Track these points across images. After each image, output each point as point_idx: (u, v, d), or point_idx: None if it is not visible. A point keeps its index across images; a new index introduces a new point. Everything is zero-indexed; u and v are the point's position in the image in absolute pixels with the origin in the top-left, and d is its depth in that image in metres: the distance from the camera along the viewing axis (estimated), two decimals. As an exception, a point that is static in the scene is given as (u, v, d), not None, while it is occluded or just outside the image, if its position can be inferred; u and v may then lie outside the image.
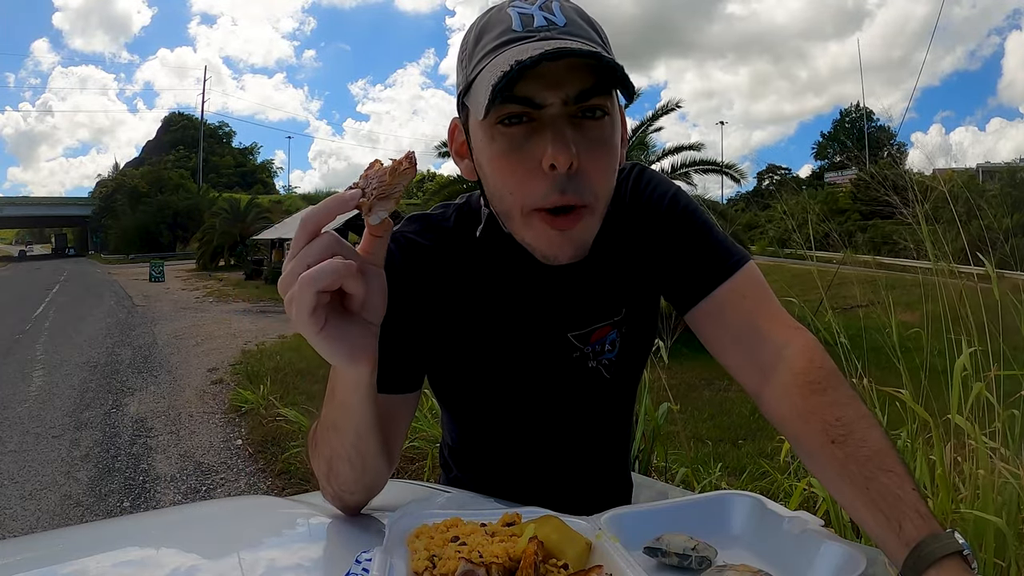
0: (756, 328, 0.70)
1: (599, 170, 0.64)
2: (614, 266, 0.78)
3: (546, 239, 0.65)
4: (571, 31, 0.62)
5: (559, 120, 0.61)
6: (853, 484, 0.57)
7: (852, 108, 58.14)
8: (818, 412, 0.62)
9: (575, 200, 0.62)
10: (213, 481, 3.68)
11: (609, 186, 0.66)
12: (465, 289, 0.76)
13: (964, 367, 1.62)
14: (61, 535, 0.97)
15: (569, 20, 0.63)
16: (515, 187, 0.64)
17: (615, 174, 0.67)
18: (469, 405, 0.84)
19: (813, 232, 2.32)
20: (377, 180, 0.51)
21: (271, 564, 0.62)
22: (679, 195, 0.78)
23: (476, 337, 0.78)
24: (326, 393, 0.62)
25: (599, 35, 0.65)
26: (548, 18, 0.62)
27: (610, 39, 0.69)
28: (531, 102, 0.61)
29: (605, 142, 0.64)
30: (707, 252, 0.74)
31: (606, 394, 0.83)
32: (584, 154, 0.62)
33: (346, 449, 0.63)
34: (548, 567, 0.53)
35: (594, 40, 0.63)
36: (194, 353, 7.77)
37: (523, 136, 0.62)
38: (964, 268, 1.90)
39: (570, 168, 0.61)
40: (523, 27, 0.62)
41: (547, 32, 0.61)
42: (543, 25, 0.62)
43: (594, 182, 0.63)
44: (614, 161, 0.66)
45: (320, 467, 0.66)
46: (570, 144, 0.60)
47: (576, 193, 0.62)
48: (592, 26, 0.65)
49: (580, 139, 0.62)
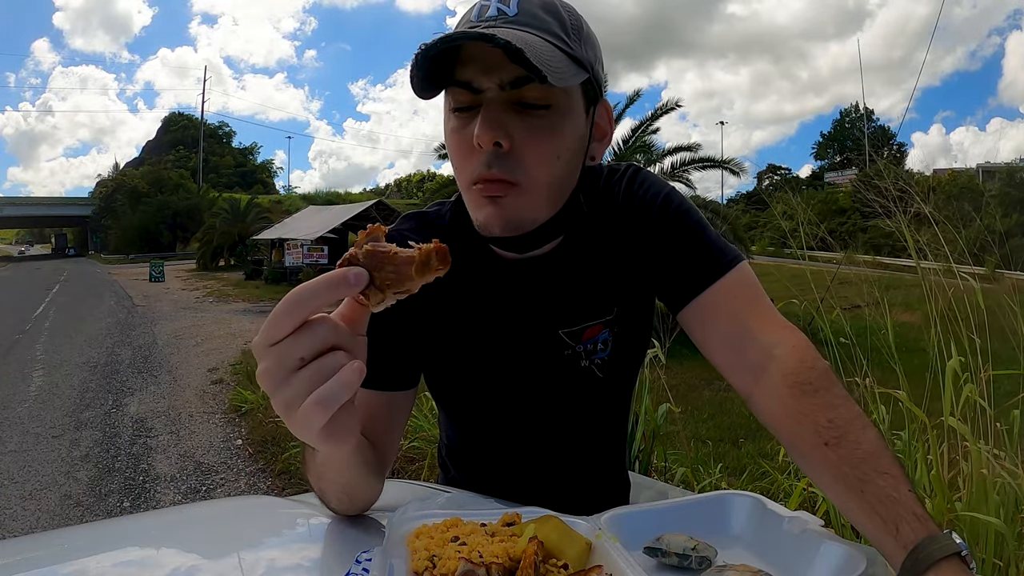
0: (746, 328, 0.70)
1: (535, 155, 0.66)
2: (606, 265, 0.78)
3: (478, 208, 0.69)
4: (520, 21, 0.64)
5: (492, 103, 0.65)
6: (848, 487, 0.57)
7: (852, 108, 58.18)
8: (810, 414, 0.62)
9: (499, 175, 0.65)
10: (213, 481, 3.68)
11: (548, 172, 0.67)
12: (460, 286, 0.76)
13: (955, 369, 1.62)
14: (61, 535, 0.97)
15: (523, 11, 0.65)
16: (460, 163, 0.69)
17: (559, 163, 0.68)
18: (464, 403, 0.85)
19: (812, 232, 2.32)
20: (396, 271, 0.41)
21: (271, 564, 0.62)
22: (672, 195, 0.78)
23: (469, 334, 0.79)
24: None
25: (562, 26, 0.66)
26: (500, 8, 0.65)
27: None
28: (470, 86, 0.65)
29: (546, 130, 0.66)
30: (699, 252, 0.74)
31: (599, 394, 0.83)
32: (520, 138, 0.65)
33: (335, 490, 0.65)
34: (548, 567, 0.53)
35: (549, 30, 0.64)
36: (194, 353, 7.76)
37: (468, 119, 0.66)
38: (963, 268, 1.90)
39: (500, 147, 0.64)
40: (477, 17, 0.66)
41: (492, 22, 0.64)
42: (492, 16, 0.65)
43: (528, 164, 0.66)
44: (557, 149, 0.67)
45: (314, 486, 0.67)
46: (497, 125, 0.64)
47: (503, 170, 0.65)
48: (556, 17, 0.66)
49: (518, 124, 0.65)
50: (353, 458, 0.60)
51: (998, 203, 14.32)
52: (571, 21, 0.68)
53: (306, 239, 18.31)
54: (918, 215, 1.96)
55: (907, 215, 1.92)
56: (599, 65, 0.71)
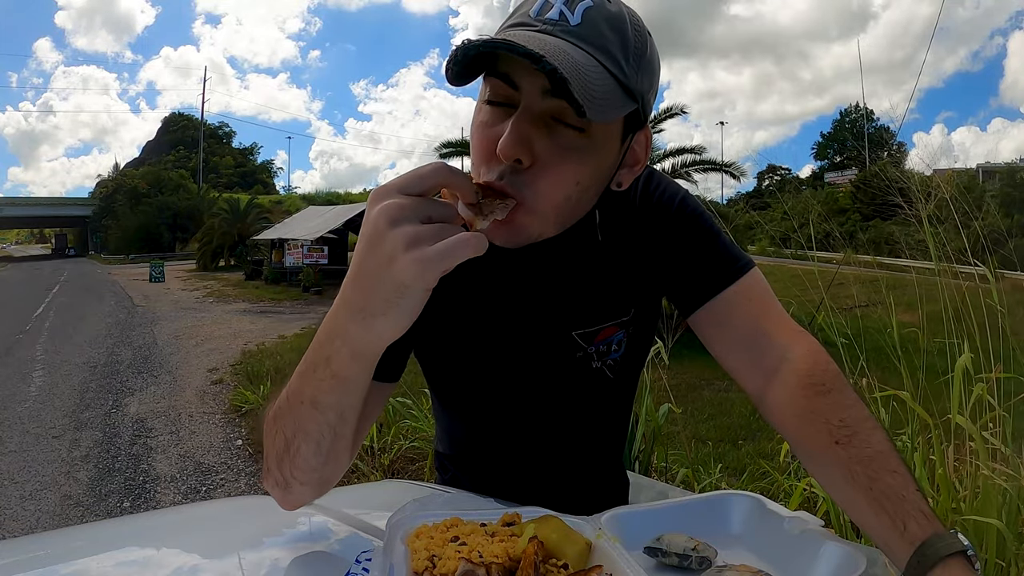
0: (760, 331, 0.71)
1: (554, 176, 0.61)
2: (624, 266, 0.78)
3: None
4: (580, 33, 0.58)
5: (525, 114, 0.60)
6: (857, 484, 0.58)
7: (852, 108, 58.17)
8: (822, 413, 0.63)
9: (508, 191, 0.60)
10: (213, 481, 3.68)
11: (562, 195, 0.63)
12: (471, 283, 0.76)
13: (966, 367, 1.62)
14: (61, 535, 0.97)
15: (587, 22, 0.59)
16: (479, 161, 0.64)
17: (577, 188, 0.63)
18: (469, 401, 0.84)
19: (813, 232, 2.32)
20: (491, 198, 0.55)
21: (271, 564, 0.62)
22: (687, 199, 0.78)
23: (480, 331, 0.78)
24: (301, 367, 0.57)
25: (624, 48, 0.60)
26: (563, 12, 0.59)
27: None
28: (508, 78, 0.60)
29: (573, 153, 0.61)
30: (714, 256, 0.75)
31: (609, 394, 0.84)
32: (544, 156, 0.60)
33: (320, 429, 0.57)
34: (548, 567, 0.53)
35: (607, 51, 0.59)
36: (194, 353, 7.77)
37: (499, 117, 0.62)
38: (964, 268, 1.90)
39: (519, 163, 0.60)
40: (536, 14, 0.60)
41: (550, 26, 0.59)
42: (553, 18, 0.59)
43: (540, 186, 0.61)
44: (579, 175, 0.62)
45: (276, 446, 0.60)
46: (523, 142, 0.59)
47: (513, 185, 0.60)
48: (622, 36, 0.60)
49: (546, 141, 0.60)
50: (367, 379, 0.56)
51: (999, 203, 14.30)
52: (636, 43, 0.61)
53: (306, 239, 18.28)
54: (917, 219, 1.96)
55: (912, 214, 1.92)
56: (652, 93, 0.65)
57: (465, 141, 10.19)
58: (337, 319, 0.52)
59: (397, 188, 0.48)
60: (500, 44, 0.54)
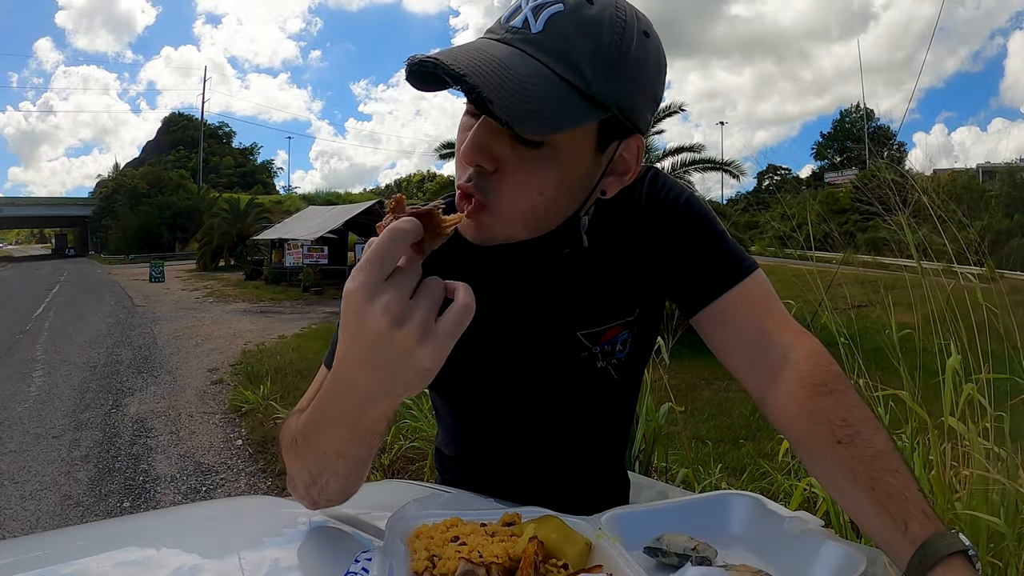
0: (763, 332, 0.71)
1: (515, 185, 0.62)
2: (629, 267, 0.78)
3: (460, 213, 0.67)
4: (538, 41, 0.57)
5: (486, 123, 0.61)
6: (859, 484, 0.58)
7: (852, 108, 58.18)
8: (825, 413, 0.63)
9: (473, 193, 0.63)
10: (213, 481, 3.68)
11: (526, 204, 0.63)
12: (475, 283, 0.75)
13: (955, 368, 1.62)
14: (61, 535, 0.97)
15: (550, 28, 0.57)
16: (458, 163, 0.66)
17: (541, 199, 0.64)
18: (471, 400, 0.84)
19: (813, 232, 2.33)
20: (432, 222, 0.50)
21: (271, 564, 0.62)
22: (692, 200, 0.79)
23: (486, 331, 0.78)
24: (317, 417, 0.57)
25: (595, 54, 0.58)
26: (528, 19, 0.59)
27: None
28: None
29: (533, 163, 0.61)
30: (718, 257, 0.75)
31: (613, 394, 0.84)
32: (505, 164, 0.62)
33: (348, 468, 0.59)
34: (548, 567, 0.53)
35: (568, 60, 0.57)
36: (194, 353, 7.77)
37: (473, 125, 0.63)
38: (962, 268, 1.90)
39: (483, 168, 0.62)
40: (504, 21, 0.61)
41: (511, 34, 0.59)
42: (516, 26, 0.59)
43: (503, 192, 0.63)
44: (541, 185, 0.63)
45: (300, 476, 0.62)
46: (481, 149, 0.61)
47: (478, 189, 0.63)
48: (594, 40, 0.58)
49: (507, 150, 0.61)
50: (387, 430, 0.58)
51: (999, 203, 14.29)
52: (611, 46, 0.59)
53: (306, 239, 18.29)
54: (916, 214, 1.96)
55: (907, 214, 1.92)
56: (641, 97, 0.63)
57: (465, 141, 10.18)
58: (356, 395, 0.51)
59: (374, 282, 0.46)
60: (428, 64, 0.56)
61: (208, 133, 70.03)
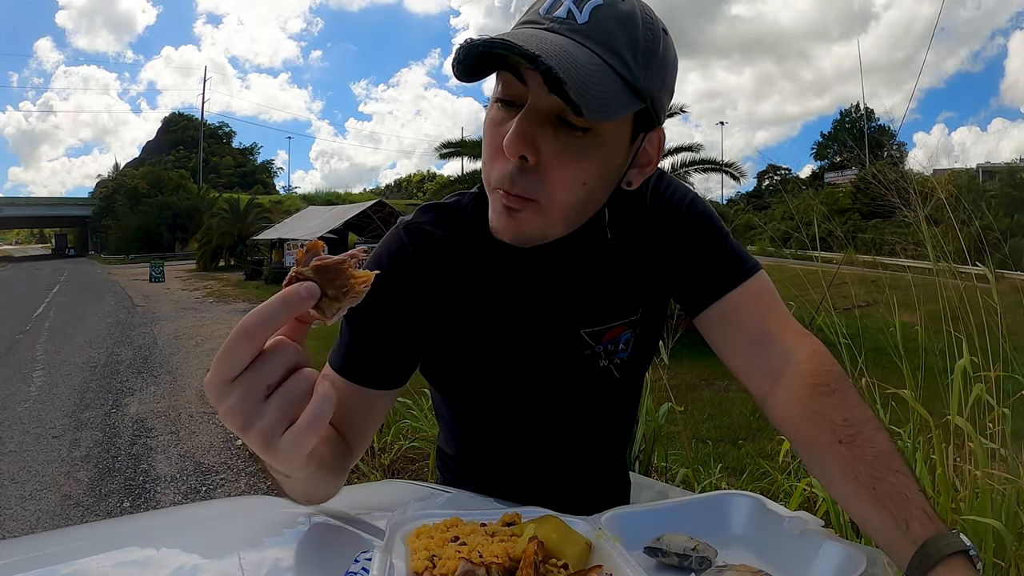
0: (766, 333, 0.71)
1: (559, 176, 0.63)
2: (633, 266, 0.78)
3: (495, 213, 0.67)
4: (586, 31, 0.59)
5: (530, 112, 0.61)
6: (860, 483, 0.58)
7: (852, 108, 58.16)
8: (826, 413, 0.63)
9: (522, 192, 0.63)
10: (213, 481, 3.68)
11: (570, 195, 0.64)
12: (480, 280, 0.76)
13: (965, 368, 1.62)
14: (61, 535, 0.97)
15: (595, 20, 0.59)
16: (489, 159, 0.66)
17: (583, 189, 0.64)
18: (476, 400, 0.84)
19: (818, 231, 2.32)
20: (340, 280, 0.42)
21: (271, 564, 0.62)
22: (696, 200, 0.79)
23: (486, 329, 0.78)
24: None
25: (633, 47, 0.60)
26: (571, 10, 0.59)
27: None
28: (518, 73, 0.61)
29: (578, 152, 0.62)
30: (722, 258, 0.75)
31: (615, 394, 0.84)
32: (548, 155, 0.62)
33: (303, 486, 0.63)
34: (548, 567, 0.53)
35: (613, 50, 0.59)
36: (194, 353, 7.76)
37: (509, 116, 0.63)
38: (964, 268, 1.90)
39: (526, 161, 0.61)
40: (545, 12, 0.61)
41: (557, 24, 0.59)
42: (560, 16, 0.60)
43: (550, 185, 0.63)
44: (584, 175, 0.64)
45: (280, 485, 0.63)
46: (526, 139, 0.60)
47: (525, 187, 0.63)
48: (631, 35, 0.60)
49: (550, 140, 0.61)
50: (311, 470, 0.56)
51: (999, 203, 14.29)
52: (646, 41, 0.61)
53: (306, 239, 18.28)
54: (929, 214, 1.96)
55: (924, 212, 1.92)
56: (665, 92, 0.65)
57: (465, 141, 10.18)
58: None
59: (220, 381, 0.40)
60: (499, 44, 0.55)
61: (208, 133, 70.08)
